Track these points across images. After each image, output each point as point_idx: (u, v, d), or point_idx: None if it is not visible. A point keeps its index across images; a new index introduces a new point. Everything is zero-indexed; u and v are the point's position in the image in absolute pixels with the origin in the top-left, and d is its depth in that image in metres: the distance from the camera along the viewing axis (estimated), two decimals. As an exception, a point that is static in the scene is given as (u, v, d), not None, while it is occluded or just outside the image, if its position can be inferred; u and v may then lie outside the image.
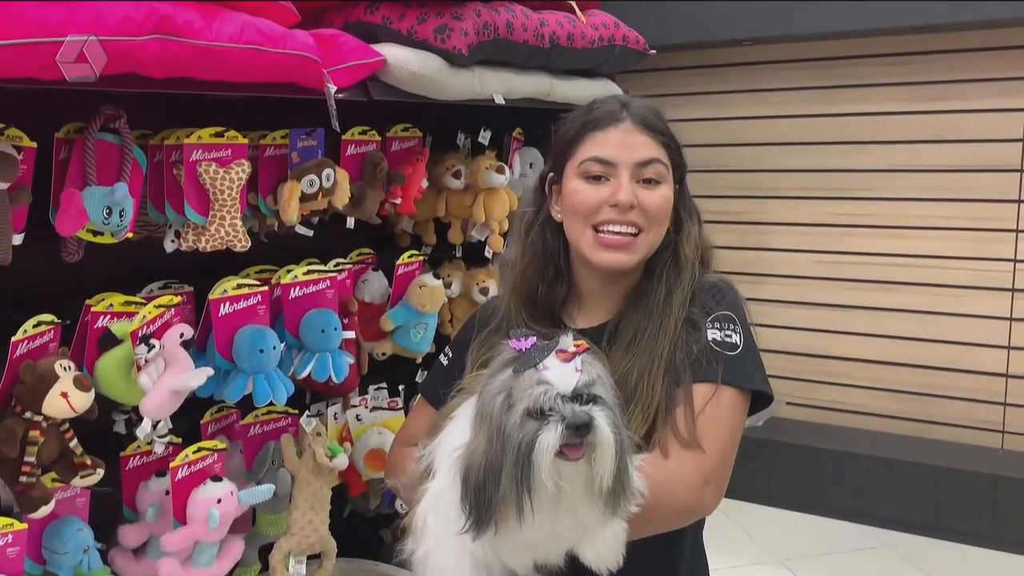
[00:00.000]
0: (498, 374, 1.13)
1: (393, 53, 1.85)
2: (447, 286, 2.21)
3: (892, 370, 3.71)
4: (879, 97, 3.60)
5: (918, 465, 3.39)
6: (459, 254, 2.36)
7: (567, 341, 1.14)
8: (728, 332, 1.31)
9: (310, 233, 1.88)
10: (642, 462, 1.19)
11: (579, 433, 1.06)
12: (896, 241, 3.64)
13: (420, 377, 2.16)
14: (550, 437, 1.06)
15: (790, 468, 3.56)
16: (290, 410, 1.91)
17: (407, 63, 1.85)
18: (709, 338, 1.30)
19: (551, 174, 1.42)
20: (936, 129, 3.51)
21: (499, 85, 2.07)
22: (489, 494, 1.07)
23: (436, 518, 1.17)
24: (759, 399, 1.33)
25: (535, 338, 1.13)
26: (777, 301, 3.86)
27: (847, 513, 3.45)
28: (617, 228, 1.32)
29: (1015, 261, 3.47)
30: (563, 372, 1.09)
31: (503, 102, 2.08)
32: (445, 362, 1.51)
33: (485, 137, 2.30)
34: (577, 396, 1.08)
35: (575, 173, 1.35)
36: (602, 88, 2.45)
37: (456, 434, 1.20)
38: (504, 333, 1.37)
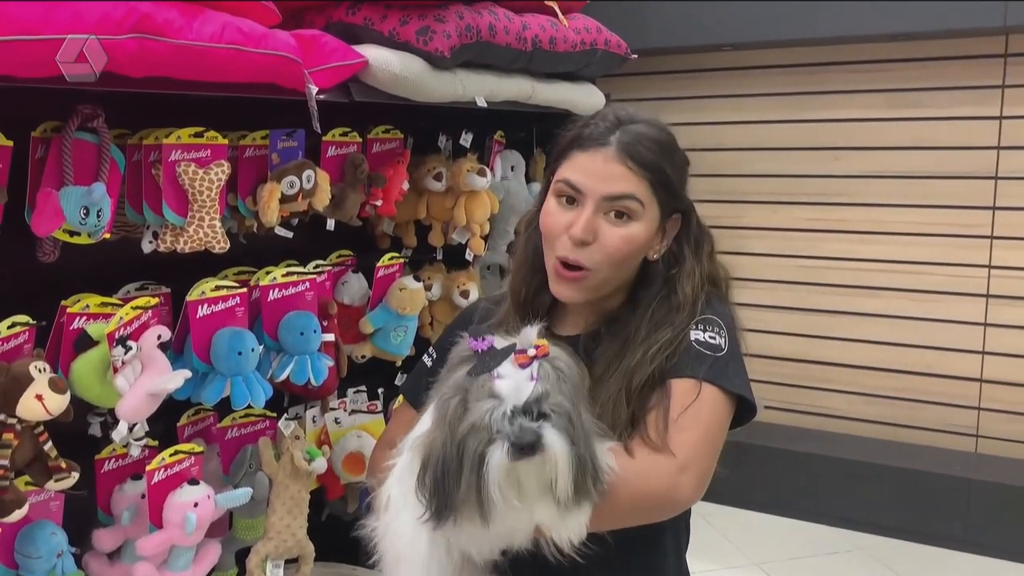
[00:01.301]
0: (455, 371, 1.11)
1: (375, 55, 1.85)
2: (427, 289, 2.21)
3: (868, 375, 3.74)
4: (856, 103, 3.63)
5: (893, 469, 3.42)
6: (440, 257, 2.36)
7: (528, 337, 1.11)
8: (712, 334, 1.27)
9: (289, 235, 1.88)
10: (613, 448, 1.18)
11: (526, 452, 1.05)
12: (872, 247, 3.68)
13: (400, 380, 2.16)
14: (497, 456, 1.04)
15: (767, 472, 3.58)
16: (268, 413, 1.90)
17: (389, 65, 1.84)
18: (692, 338, 1.26)
19: (549, 177, 1.40)
20: (912, 136, 3.55)
21: (481, 88, 2.07)
22: (448, 491, 1.06)
23: (398, 493, 1.18)
24: (742, 411, 1.29)
25: (493, 340, 1.11)
26: (753, 305, 3.88)
27: (823, 516, 3.47)
28: (570, 264, 1.29)
29: (989, 267, 3.52)
30: (516, 382, 1.06)
31: (485, 105, 2.08)
32: (429, 363, 1.50)
33: (467, 139, 2.30)
34: (527, 409, 1.05)
35: (553, 190, 1.34)
36: (584, 92, 2.46)
37: (421, 427, 1.20)
38: (504, 331, 1.37)
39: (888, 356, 3.71)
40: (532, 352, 1.08)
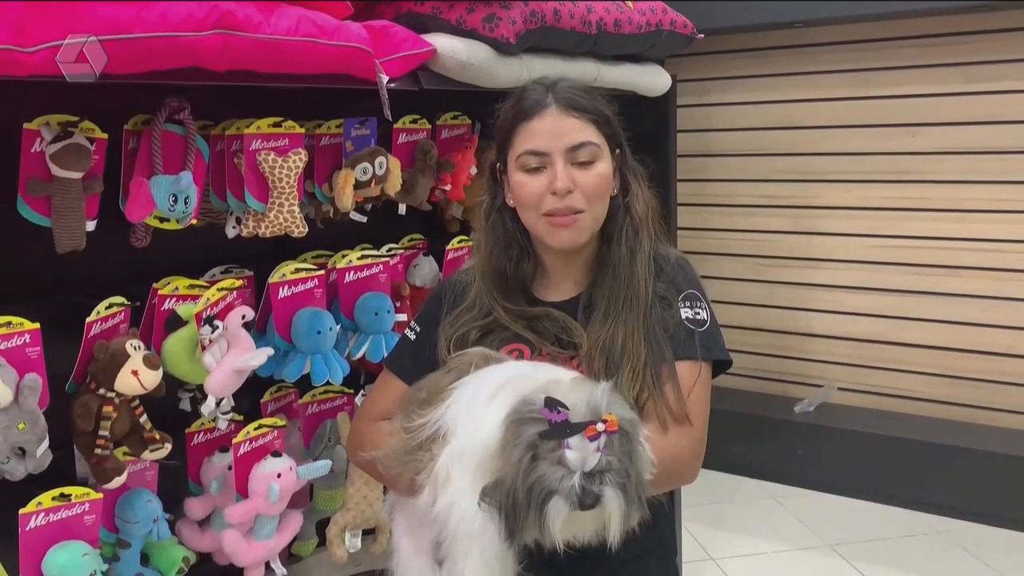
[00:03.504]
0: (524, 427, 1.17)
1: (443, 43, 1.89)
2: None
3: (949, 356, 3.65)
4: (932, 78, 3.53)
5: (974, 452, 3.34)
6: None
7: (601, 395, 1.17)
8: (697, 310, 1.43)
9: (364, 219, 1.93)
10: (648, 433, 1.26)
11: (585, 508, 1.13)
12: (951, 224, 3.58)
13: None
14: (559, 507, 1.13)
15: (842, 453, 3.54)
16: (346, 389, 1.97)
17: (456, 52, 1.88)
18: (682, 316, 1.42)
19: (497, 164, 1.50)
20: (991, 110, 3.44)
21: (546, 72, 2.07)
22: (517, 522, 1.15)
23: (460, 473, 1.22)
24: (720, 364, 1.46)
25: (567, 415, 1.16)
26: (829, 286, 3.82)
27: (899, 499, 3.42)
28: (562, 213, 1.39)
29: (1076, 244, 3.40)
30: (583, 454, 1.13)
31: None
32: (412, 336, 1.57)
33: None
34: (591, 475, 1.14)
35: (516, 166, 1.43)
36: (650, 73, 2.46)
37: (467, 407, 1.25)
38: (478, 313, 1.46)
39: (969, 336, 3.61)
40: (601, 428, 1.15)
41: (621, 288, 1.41)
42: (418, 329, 1.56)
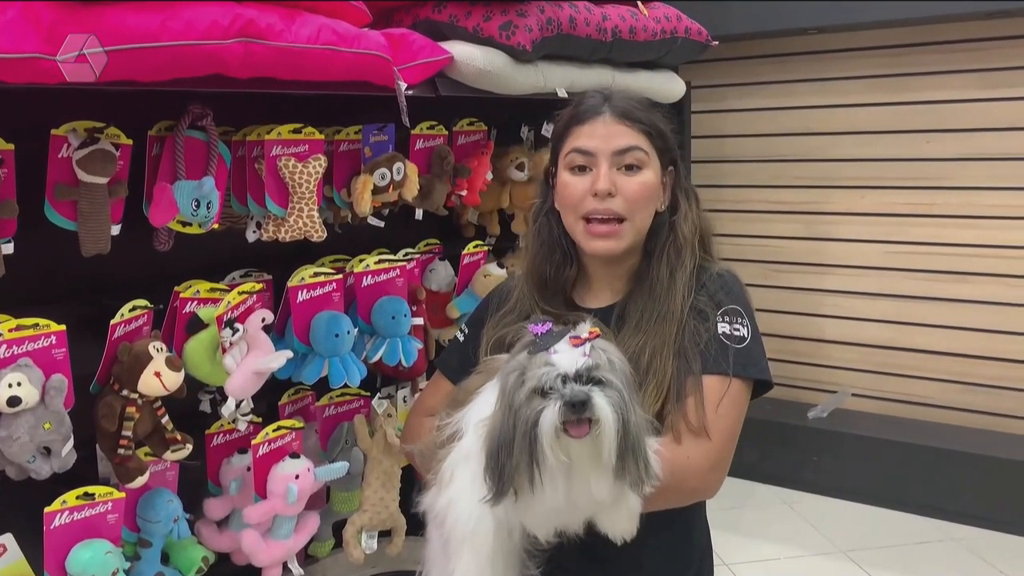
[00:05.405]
0: (517, 355, 1.20)
1: (460, 50, 1.91)
2: (510, 275, 2.26)
3: (963, 362, 3.64)
4: (947, 85, 3.53)
5: (988, 458, 3.33)
6: (522, 244, 2.41)
7: (583, 328, 1.19)
8: (736, 326, 1.38)
9: (381, 224, 1.95)
10: (659, 446, 1.25)
11: (576, 410, 1.12)
12: (966, 231, 3.57)
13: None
14: (550, 413, 1.12)
15: (856, 460, 3.53)
16: (362, 392, 1.99)
17: (473, 60, 1.91)
18: (719, 331, 1.37)
19: (551, 168, 1.51)
20: (1006, 117, 3.43)
21: (562, 79, 2.11)
22: (503, 463, 1.15)
23: (463, 472, 1.24)
24: (761, 385, 1.41)
25: (551, 324, 1.19)
26: (843, 292, 3.82)
27: (914, 506, 3.41)
28: (601, 217, 1.39)
29: (1091, 251, 3.39)
30: (570, 356, 1.15)
31: (566, 95, 2.13)
32: (461, 338, 1.59)
33: (548, 130, 2.34)
34: (579, 377, 1.14)
35: (563, 165, 1.44)
36: (665, 80, 2.48)
37: (480, 408, 1.27)
38: (518, 315, 1.46)
39: (983, 343, 3.60)
40: (585, 335, 1.17)
41: (656, 305, 1.39)
42: (467, 331, 1.59)
